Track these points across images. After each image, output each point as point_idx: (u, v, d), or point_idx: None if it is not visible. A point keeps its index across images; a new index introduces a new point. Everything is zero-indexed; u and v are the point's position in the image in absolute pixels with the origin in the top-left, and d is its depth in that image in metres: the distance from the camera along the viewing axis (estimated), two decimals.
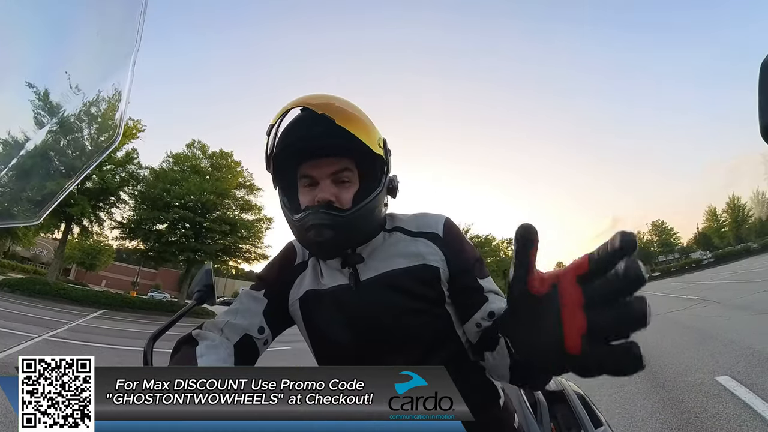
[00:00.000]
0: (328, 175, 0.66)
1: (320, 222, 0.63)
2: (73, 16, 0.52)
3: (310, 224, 0.64)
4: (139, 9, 0.51)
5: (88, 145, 0.60)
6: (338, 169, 0.67)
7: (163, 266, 33.41)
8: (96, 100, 0.56)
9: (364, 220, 0.67)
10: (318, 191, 0.65)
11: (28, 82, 0.47)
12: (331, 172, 0.66)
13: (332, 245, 0.66)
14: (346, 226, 0.64)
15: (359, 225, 0.66)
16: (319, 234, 0.63)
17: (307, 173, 0.68)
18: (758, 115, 0.28)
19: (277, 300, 0.75)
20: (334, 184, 0.66)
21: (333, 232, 0.63)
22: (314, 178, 0.67)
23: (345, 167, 0.67)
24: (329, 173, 0.66)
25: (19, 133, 0.50)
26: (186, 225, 19.66)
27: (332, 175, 0.66)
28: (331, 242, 0.65)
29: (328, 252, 0.70)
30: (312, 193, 0.66)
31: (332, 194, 0.65)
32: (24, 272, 26.74)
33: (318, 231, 0.63)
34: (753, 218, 47.02)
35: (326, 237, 0.63)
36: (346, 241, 0.67)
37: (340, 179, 0.67)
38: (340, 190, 0.66)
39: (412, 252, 0.71)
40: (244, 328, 0.70)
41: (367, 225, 0.68)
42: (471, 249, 0.74)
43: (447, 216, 0.77)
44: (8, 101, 0.49)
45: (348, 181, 0.67)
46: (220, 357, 0.62)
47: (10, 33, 0.46)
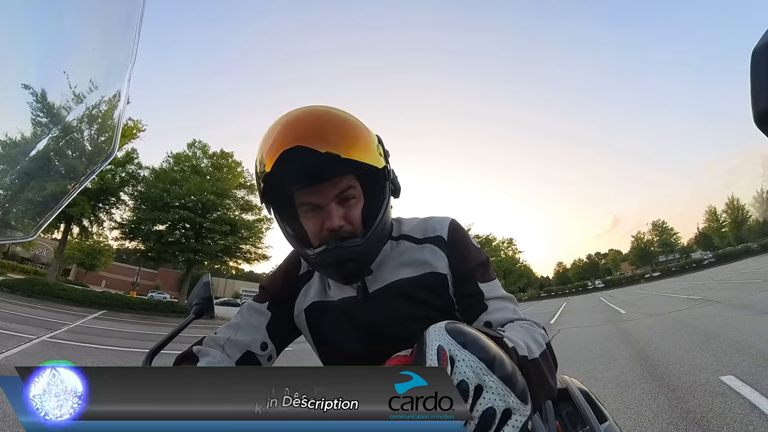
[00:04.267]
0: (333, 198, 0.61)
1: (340, 258, 0.60)
2: (67, 32, 0.51)
3: (330, 261, 0.60)
4: (135, 26, 0.51)
5: (88, 146, 0.59)
6: (342, 189, 0.61)
7: (163, 267, 33.54)
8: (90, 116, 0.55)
9: (379, 236, 0.64)
10: (325, 218, 0.60)
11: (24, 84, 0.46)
12: (336, 194, 0.61)
13: (355, 274, 0.64)
14: (365, 252, 0.62)
15: (376, 244, 0.65)
16: (341, 268, 0.61)
17: (308, 201, 0.62)
18: (751, 103, 0.28)
19: (282, 312, 0.73)
20: (340, 205, 0.62)
21: (354, 263, 0.61)
22: (317, 204, 0.61)
23: (348, 185, 0.62)
24: (333, 196, 0.61)
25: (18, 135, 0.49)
26: (186, 225, 19.68)
27: (336, 197, 0.61)
28: (355, 272, 0.63)
29: (351, 281, 0.67)
30: (318, 219, 0.61)
31: (341, 218, 0.60)
32: (24, 273, 26.79)
33: (339, 266, 0.61)
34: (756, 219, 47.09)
35: (349, 270, 0.61)
36: (367, 264, 0.66)
37: (345, 197, 0.62)
38: (348, 210, 0.62)
39: (419, 260, 0.69)
40: (245, 344, 0.68)
41: (381, 241, 0.67)
42: (476, 252, 0.71)
43: (453, 218, 0.74)
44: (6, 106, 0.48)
45: (353, 198, 0.63)
46: None
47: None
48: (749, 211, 47.16)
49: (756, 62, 0.28)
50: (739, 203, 48.37)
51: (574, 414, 0.93)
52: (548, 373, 0.51)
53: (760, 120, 0.28)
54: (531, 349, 0.49)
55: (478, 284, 0.66)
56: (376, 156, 0.61)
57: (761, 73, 0.28)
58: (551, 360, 0.55)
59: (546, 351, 0.53)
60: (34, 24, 0.47)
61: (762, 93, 0.28)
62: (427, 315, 0.65)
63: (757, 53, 0.28)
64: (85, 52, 0.51)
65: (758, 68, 0.28)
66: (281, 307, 0.73)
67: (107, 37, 0.54)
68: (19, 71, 0.45)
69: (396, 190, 0.70)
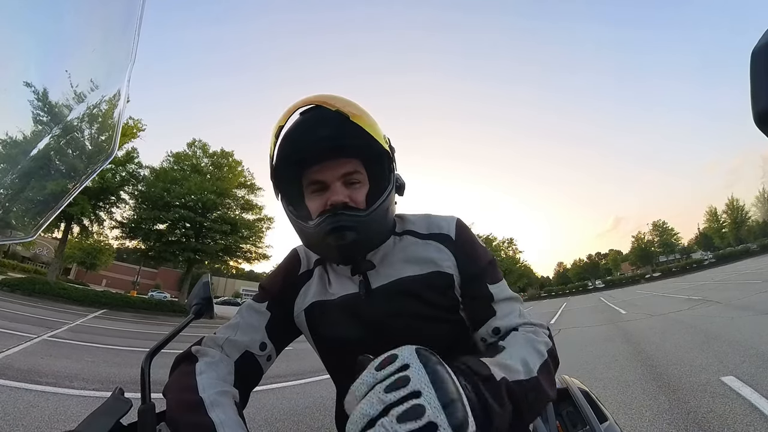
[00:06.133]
0: (339, 178, 0.63)
1: (341, 224, 0.60)
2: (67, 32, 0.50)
3: (330, 228, 0.60)
4: (135, 26, 0.51)
5: (88, 145, 0.59)
6: (348, 170, 0.63)
7: (163, 266, 33.51)
8: (91, 115, 0.55)
9: (381, 219, 0.64)
10: (330, 194, 0.62)
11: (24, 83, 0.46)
12: (342, 174, 0.63)
13: (355, 247, 0.63)
14: (366, 226, 0.61)
15: (377, 225, 0.64)
16: (341, 237, 0.60)
17: (315, 179, 0.64)
18: (751, 103, 0.28)
19: (281, 312, 0.72)
20: (346, 187, 0.63)
21: (355, 233, 0.60)
22: (324, 182, 0.63)
23: (354, 169, 0.64)
24: (339, 175, 0.63)
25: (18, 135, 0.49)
26: (186, 225, 19.67)
27: (343, 177, 0.63)
28: (354, 244, 0.61)
29: (350, 255, 0.65)
30: (322, 198, 0.63)
31: (346, 196, 0.62)
32: (24, 272, 26.80)
33: (339, 234, 0.60)
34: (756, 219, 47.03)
35: (349, 239, 0.60)
36: (367, 242, 0.64)
37: (351, 181, 0.64)
38: (352, 191, 0.63)
39: (424, 258, 0.68)
40: (245, 345, 0.67)
41: (383, 225, 0.66)
42: (483, 252, 0.71)
43: (458, 217, 0.74)
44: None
45: (359, 182, 0.65)
46: (219, 375, 0.60)
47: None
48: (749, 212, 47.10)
49: (755, 62, 0.28)
50: (738, 204, 48.33)
51: (574, 414, 0.94)
52: (547, 384, 0.51)
53: (760, 120, 0.28)
54: (529, 368, 0.50)
55: (487, 286, 0.66)
56: (381, 138, 0.64)
57: (761, 73, 0.28)
58: (552, 366, 0.55)
59: (547, 360, 0.54)
60: (34, 24, 0.46)
61: (762, 93, 0.28)
62: (432, 314, 0.66)
63: (757, 53, 0.28)
64: (85, 52, 0.51)
65: (758, 68, 0.28)
66: (281, 307, 0.72)
67: (107, 37, 0.54)
68: (18, 71, 0.44)
69: (400, 187, 0.71)
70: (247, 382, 0.66)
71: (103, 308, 14.58)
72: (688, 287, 16.05)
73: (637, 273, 54.47)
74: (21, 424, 2.53)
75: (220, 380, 0.59)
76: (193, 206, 19.70)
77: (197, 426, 0.50)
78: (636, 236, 61.71)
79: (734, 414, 2.43)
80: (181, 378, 0.59)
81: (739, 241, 44.20)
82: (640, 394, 3.11)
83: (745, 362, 3.56)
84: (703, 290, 13.01)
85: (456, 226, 0.71)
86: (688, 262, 44.28)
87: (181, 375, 0.60)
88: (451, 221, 0.73)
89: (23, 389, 3.28)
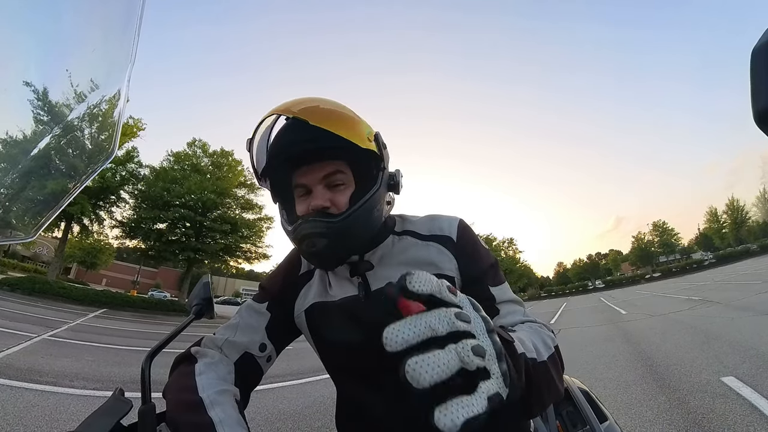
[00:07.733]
0: (320, 180, 0.62)
1: (311, 231, 0.59)
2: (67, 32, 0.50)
3: (302, 234, 0.60)
4: (135, 26, 0.51)
5: (88, 145, 0.58)
6: (329, 172, 0.62)
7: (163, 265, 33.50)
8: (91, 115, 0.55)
9: (363, 221, 0.62)
10: (311, 199, 0.62)
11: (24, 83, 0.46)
12: (323, 176, 0.62)
13: (328, 255, 0.62)
14: (340, 232, 0.60)
15: (357, 229, 0.62)
16: (312, 244, 0.60)
17: (299, 182, 0.64)
18: (751, 103, 0.28)
19: (281, 313, 0.72)
20: (328, 189, 0.62)
21: (326, 240, 0.59)
22: (306, 186, 0.63)
23: (336, 170, 0.63)
24: (320, 178, 0.62)
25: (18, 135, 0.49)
26: (186, 224, 19.67)
27: (324, 179, 0.62)
28: (326, 252, 0.60)
29: (325, 262, 0.65)
30: (307, 202, 0.63)
31: (326, 200, 0.61)
32: (24, 271, 26.80)
33: (310, 241, 0.60)
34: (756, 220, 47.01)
35: (319, 246, 0.59)
36: (343, 248, 0.62)
37: (333, 183, 0.63)
38: (335, 194, 0.62)
39: (425, 259, 0.67)
40: (244, 345, 0.67)
41: (366, 227, 0.63)
42: (485, 253, 0.69)
43: (461, 218, 0.73)
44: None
45: (342, 184, 0.63)
46: (219, 375, 0.60)
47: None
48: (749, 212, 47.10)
49: (755, 62, 0.28)
50: (739, 204, 48.31)
51: (574, 414, 0.93)
52: (555, 375, 0.50)
53: (760, 119, 0.28)
54: (539, 352, 0.49)
55: (489, 288, 0.65)
56: (360, 136, 0.60)
57: (761, 72, 0.28)
58: (559, 363, 0.54)
59: (554, 354, 0.53)
60: (34, 24, 0.46)
61: (762, 92, 0.28)
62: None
63: (757, 53, 0.28)
64: (85, 52, 0.51)
65: (758, 68, 0.28)
66: (281, 308, 0.72)
67: (107, 37, 0.54)
68: (18, 71, 0.44)
69: (395, 185, 0.69)
70: (246, 383, 0.66)
71: (104, 307, 14.57)
72: (689, 287, 16.04)
73: (637, 273, 54.44)
74: (21, 424, 2.53)
75: (220, 380, 0.59)
76: (193, 206, 19.69)
77: (197, 426, 0.50)
78: (636, 236, 61.73)
79: (734, 414, 2.43)
80: (181, 379, 0.59)
81: (740, 242, 44.19)
82: (640, 394, 3.10)
83: (745, 362, 3.56)
84: (703, 290, 13.00)
85: (458, 228, 0.70)
86: (688, 262, 44.26)
87: (180, 376, 0.60)
88: (453, 222, 0.71)
89: (23, 388, 3.27)
